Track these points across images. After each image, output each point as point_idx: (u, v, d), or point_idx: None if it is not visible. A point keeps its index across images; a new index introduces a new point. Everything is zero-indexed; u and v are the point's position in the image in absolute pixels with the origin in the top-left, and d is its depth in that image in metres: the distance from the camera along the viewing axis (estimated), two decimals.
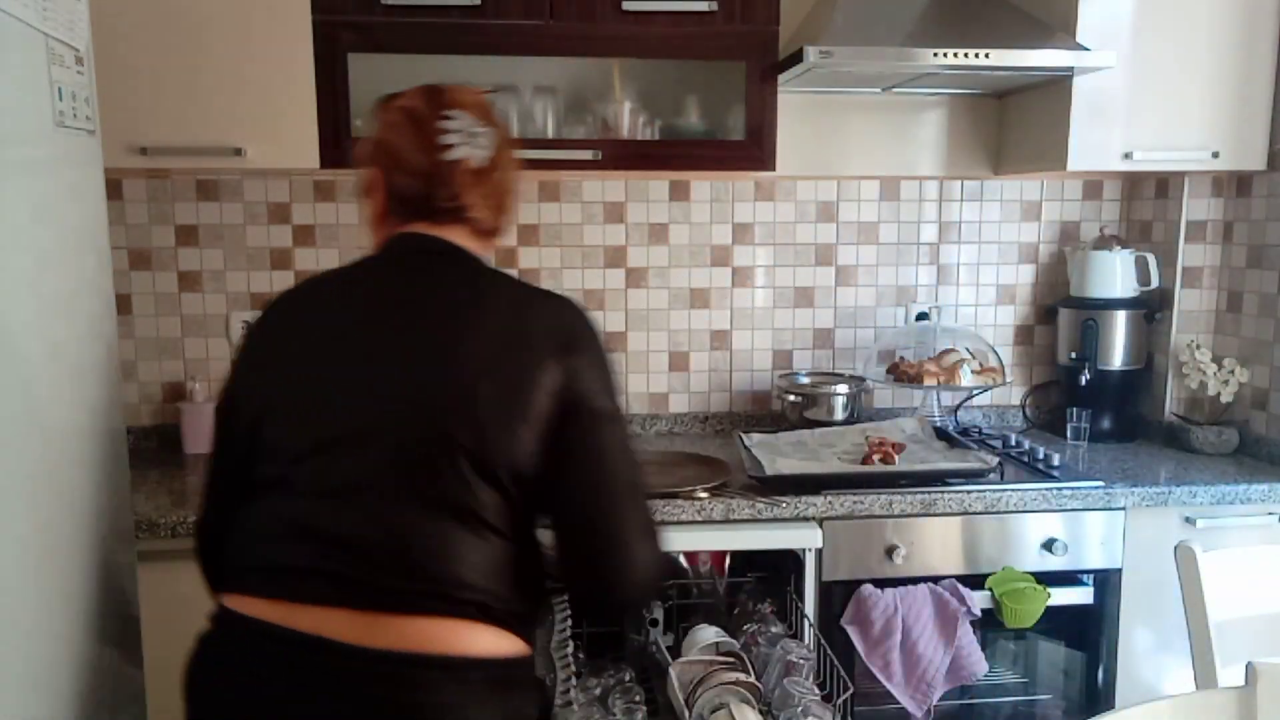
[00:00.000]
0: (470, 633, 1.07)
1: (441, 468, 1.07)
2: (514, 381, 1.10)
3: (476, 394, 1.09)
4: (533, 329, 1.15)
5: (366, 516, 1.06)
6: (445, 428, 1.07)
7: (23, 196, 1.02)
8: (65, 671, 1.10)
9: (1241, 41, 2.17)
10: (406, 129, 1.24)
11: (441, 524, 1.06)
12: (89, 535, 1.17)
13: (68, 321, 1.12)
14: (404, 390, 1.10)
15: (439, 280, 1.19)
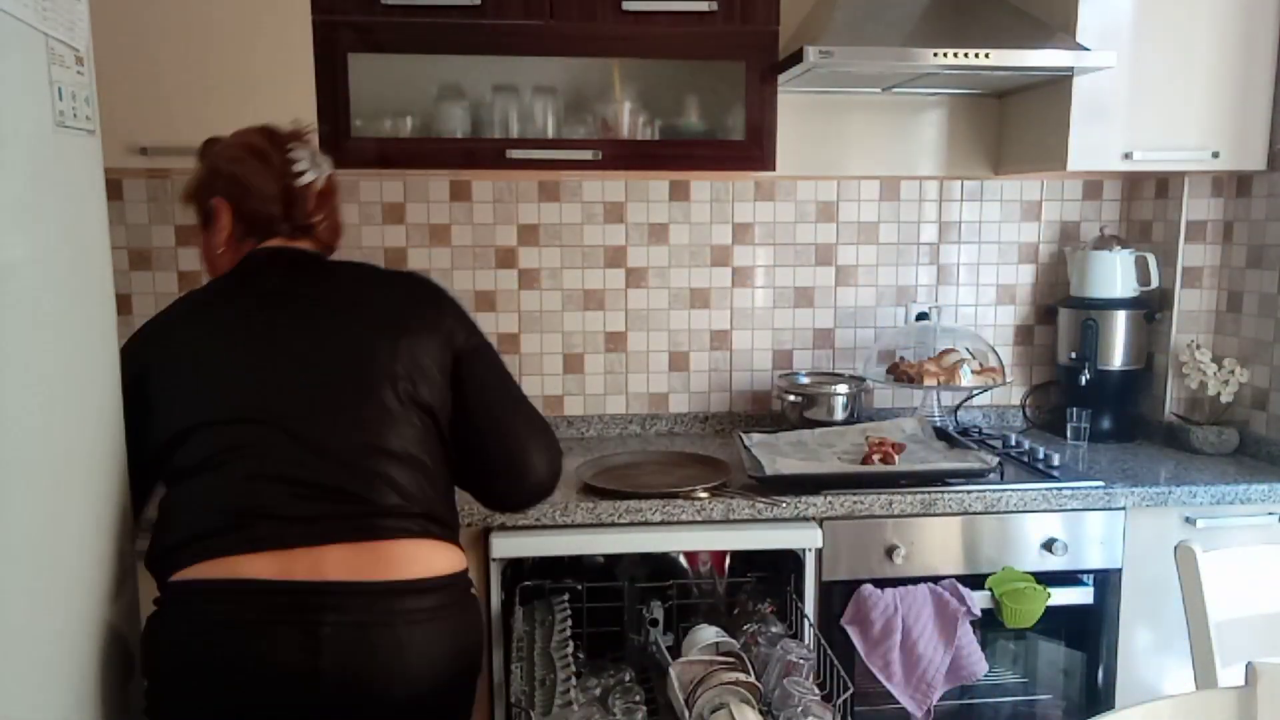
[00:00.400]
0: (431, 550, 1.31)
1: (373, 415, 1.31)
2: (415, 339, 1.36)
3: (391, 353, 1.34)
4: (411, 296, 1.42)
5: (334, 465, 1.27)
6: (370, 383, 1.32)
7: (23, 196, 1.01)
8: (64, 672, 1.10)
9: (1241, 41, 2.17)
10: (255, 162, 1.43)
11: (383, 461, 1.29)
12: (89, 535, 1.17)
13: (68, 321, 1.12)
14: (330, 360, 1.33)
15: (319, 275, 1.43)
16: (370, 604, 1.23)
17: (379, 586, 1.24)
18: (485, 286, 2.47)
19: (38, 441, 1.04)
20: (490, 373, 1.43)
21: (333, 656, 1.20)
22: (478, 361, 1.42)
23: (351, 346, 1.34)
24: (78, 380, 1.14)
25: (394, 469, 1.30)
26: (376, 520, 1.27)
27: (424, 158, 2.06)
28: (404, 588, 1.26)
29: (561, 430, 2.53)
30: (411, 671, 1.24)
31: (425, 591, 1.27)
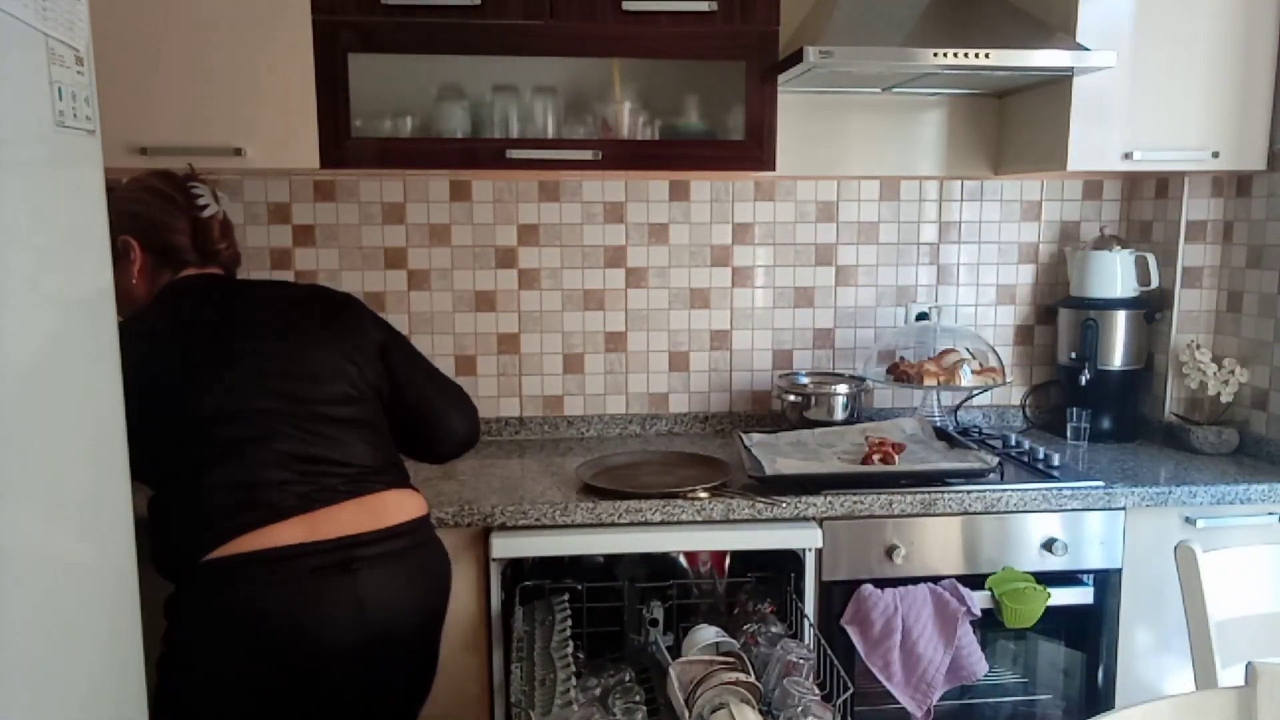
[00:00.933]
0: (406, 497, 1.61)
1: (333, 401, 1.57)
2: (352, 339, 1.64)
3: (339, 350, 1.61)
4: (334, 305, 1.67)
5: (322, 440, 1.54)
6: (332, 375, 1.59)
7: (23, 196, 1.01)
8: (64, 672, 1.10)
9: (1241, 41, 2.17)
10: (160, 202, 1.63)
11: (354, 430, 1.58)
12: (88, 535, 1.17)
13: (68, 321, 1.12)
14: (286, 367, 1.56)
15: (245, 294, 1.65)
16: (384, 545, 1.53)
17: (386, 532, 1.54)
18: (485, 286, 2.47)
19: (37, 442, 1.04)
20: (408, 356, 1.72)
21: (371, 594, 1.50)
22: (397, 350, 1.70)
23: (303, 348, 1.58)
24: (78, 381, 1.14)
25: (366, 437, 1.60)
26: (367, 478, 1.56)
27: (424, 158, 2.06)
28: (399, 530, 1.56)
29: (561, 430, 2.53)
30: (422, 593, 1.59)
31: (413, 531, 1.60)
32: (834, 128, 2.50)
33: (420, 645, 1.63)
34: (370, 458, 1.58)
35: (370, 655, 1.52)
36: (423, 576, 1.60)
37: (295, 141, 2.01)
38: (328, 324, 1.63)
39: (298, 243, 2.40)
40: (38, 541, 1.04)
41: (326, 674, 1.49)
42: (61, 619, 1.09)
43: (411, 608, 1.57)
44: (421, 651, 1.64)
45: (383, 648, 1.53)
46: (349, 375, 1.60)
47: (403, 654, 1.58)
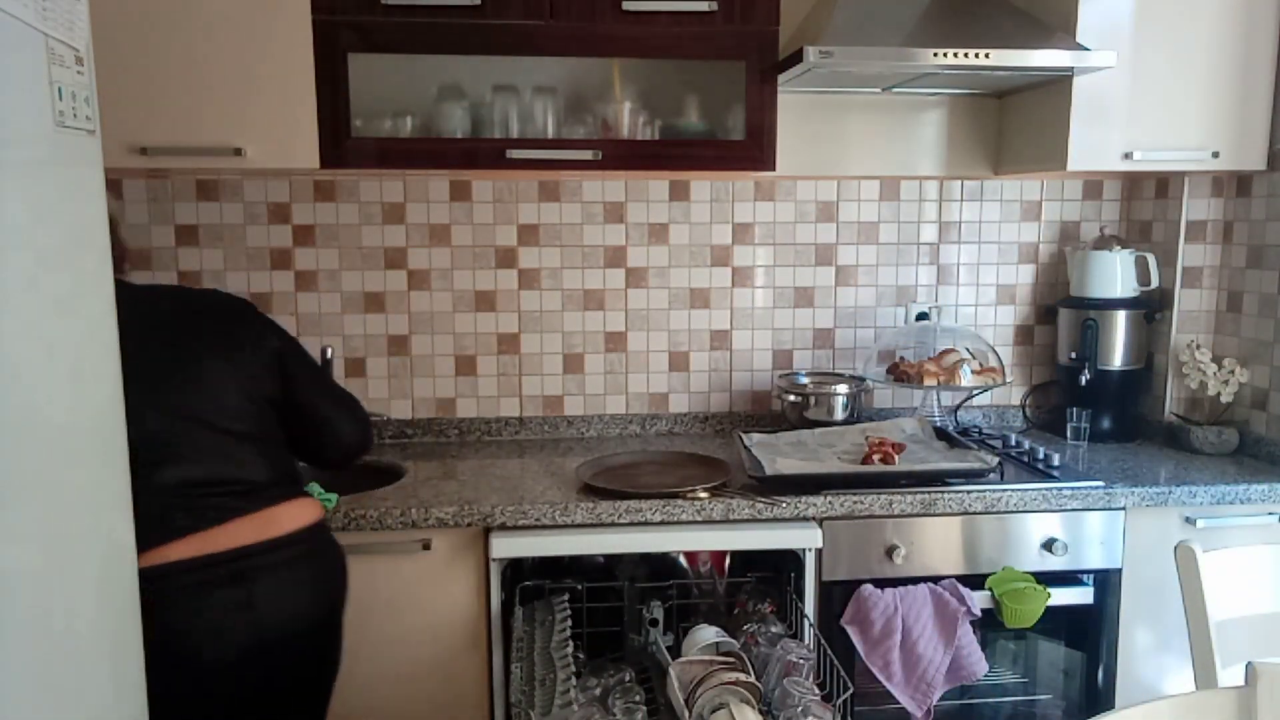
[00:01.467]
0: (300, 507, 1.61)
1: (227, 416, 1.56)
2: (243, 349, 1.60)
3: (234, 362, 1.58)
4: (230, 312, 1.64)
5: (207, 459, 1.53)
6: (225, 388, 1.56)
7: (23, 196, 1.01)
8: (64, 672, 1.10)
9: (1241, 41, 2.17)
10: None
11: (249, 446, 1.57)
12: (88, 536, 1.17)
13: (67, 321, 1.12)
14: (178, 381, 1.54)
15: (128, 299, 1.56)
16: (278, 554, 1.55)
17: (279, 541, 1.55)
18: (485, 286, 2.47)
19: (37, 442, 1.04)
20: (303, 364, 1.70)
21: (265, 602, 1.52)
22: (293, 358, 1.68)
23: (195, 359, 1.55)
24: (77, 381, 1.14)
25: (262, 450, 1.59)
26: (262, 492, 1.56)
27: (424, 158, 2.06)
28: (293, 539, 1.57)
29: (561, 430, 2.53)
30: (314, 596, 1.61)
31: (307, 539, 1.60)
32: (834, 128, 2.50)
33: (316, 643, 1.64)
34: (265, 472, 1.58)
35: (268, 660, 1.54)
36: (315, 580, 1.61)
37: (295, 141, 2.01)
38: (221, 334, 1.60)
39: (298, 243, 2.40)
40: (37, 542, 1.04)
41: (224, 682, 1.50)
42: (61, 620, 1.09)
43: (305, 610, 1.58)
44: (317, 648, 1.65)
45: (280, 652, 1.55)
46: (244, 389, 1.58)
47: (299, 653, 1.60)
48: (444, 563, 1.91)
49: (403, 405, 2.48)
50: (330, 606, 1.66)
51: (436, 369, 2.48)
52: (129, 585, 1.28)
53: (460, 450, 2.38)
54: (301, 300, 2.42)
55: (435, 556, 1.91)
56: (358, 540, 1.87)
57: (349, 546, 1.87)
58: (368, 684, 1.93)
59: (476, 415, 2.51)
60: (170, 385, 1.52)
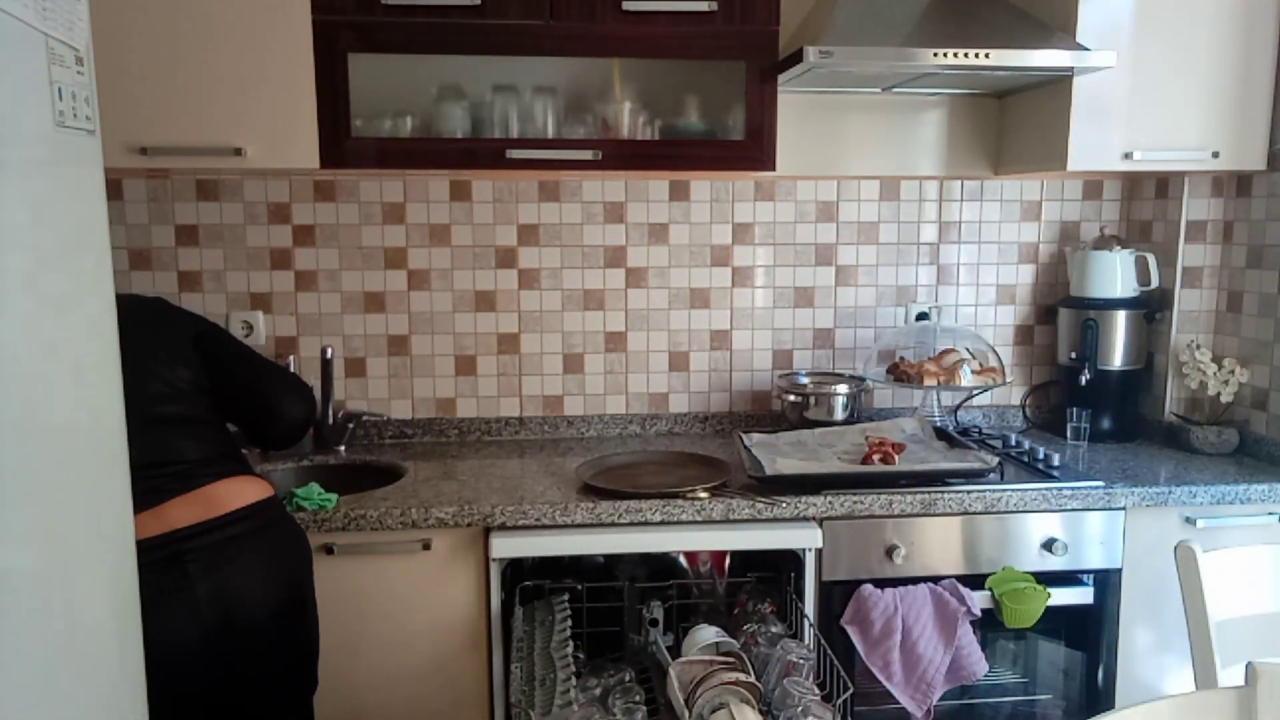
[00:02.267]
0: (244, 484, 1.61)
1: (149, 402, 1.57)
2: (155, 336, 1.64)
3: (139, 355, 1.55)
4: (134, 308, 1.63)
5: (139, 444, 1.45)
6: (132, 381, 1.49)
7: (23, 196, 1.01)
8: (64, 672, 1.10)
9: (1241, 41, 2.17)
10: None
11: (170, 430, 1.58)
12: (88, 535, 1.17)
13: (67, 321, 1.12)
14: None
15: None
16: (218, 533, 1.54)
17: (217, 520, 1.55)
18: (485, 286, 2.47)
19: (37, 442, 1.04)
20: (226, 345, 1.74)
21: (207, 584, 1.51)
22: (212, 341, 1.71)
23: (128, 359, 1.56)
24: (77, 381, 1.14)
25: (192, 433, 1.61)
26: (196, 472, 1.57)
27: (424, 158, 2.06)
28: (234, 516, 1.57)
29: (561, 430, 2.53)
30: (267, 575, 1.59)
31: (250, 516, 1.59)
32: (834, 128, 2.50)
33: (277, 628, 1.61)
34: (197, 452, 1.59)
35: (220, 645, 1.52)
36: (267, 558, 1.59)
37: (295, 141, 2.01)
38: (132, 327, 1.58)
39: (298, 243, 2.40)
40: (37, 542, 1.04)
41: (175, 671, 1.48)
42: (61, 620, 1.09)
43: (258, 592, 1.56)
44: (279, 633, 1.62)
45: (233, 637, 1.53)
46: (161, 375, 1.60)
47: (258, 639, 1.57)
48: (444, 563, 1.91)
49: (403, 405, 2.48)
50: (288, 586, 1.63)
51: (436, 369, 2.48)
52: (129, 584, 1.28)
53: (460, 450, 2.38)
54: (301, 300, 2.42)
55: (435, 556, 1.91)
56: (358, 540, 1.87)
57: (349, 546, 1.87)
58: (368, 684, 1.93)
59: (476, 415, 2.51)
60: None
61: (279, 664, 1.64)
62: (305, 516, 1.85)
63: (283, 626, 1.62)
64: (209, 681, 1.53)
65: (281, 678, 1.65)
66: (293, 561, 1.65)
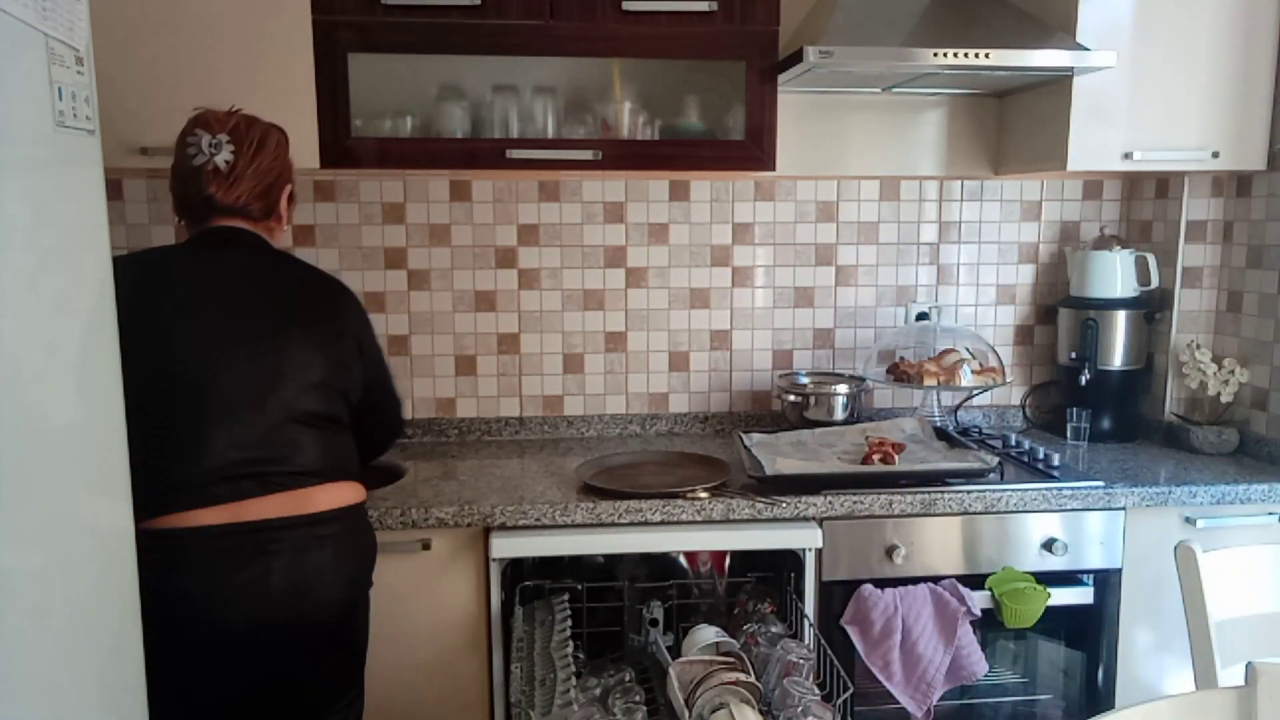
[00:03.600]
0: (330, 490, 1.58)
1: (297, 390, 1.55)
2: (327, 336, 1.61)
3: (301, 350, 1.57)
4: (326, 296, 1.65)
5: (256, 438, 1.52)
6: (302, 363, 1.57)
7: (23, 196, 1.02)
8: (64, 672, 1.10)
9: (1241, 41, 2.17)
10: (177, 150, 1.62)
11: (295, 428, 1.55)
12: (88, 535, 1.17)
13: (67, 321, 1.12)
14: (260, 355, 1.54)
15: (242, 263, 1.62)
16: (306, 531, 1.53)
17: (308, 518, 1.54)
18: (485, 286, 2.47)
19: (37, 442, 1.04)
20: (376, 351, 1.74)
21: (283, 577, 1.50)
22: (368, 346, 1.70)
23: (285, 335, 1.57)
24: (78, 381, 1.14)
25: (319, 438, 1.58)
26: (304, 475, 1.55)
27: (424, 158, 2.06)
28: (324, 517, 1.56)
29: (561, 430, 2.53)
30: (340, 579, 1.58)
31: (334, 520, 1.57)
32: (834, 128, 2.50)
33: (337, 625, 1.60)
34: (318, 460, 1.57)
35: (284, 637, 1.52)
36: (337, 561, 1.57)
37: (295, 142, 1.98)
38: (315, 307, 1.62)
39: (298, 243, 2.40)
40: (37, 542, 1.04)
41: (237, 655, 1.50)
42: (61, 619, 1.09)
43: (325, 591, 1.55)
44: (338, 630, 1.61)
45: (295, 631, 1.53)
46: (326, 372, 1.58)
47: (316, 639, 1.57)
48: (444, 563, 1.91)
49: (403, 405, 2.48)
50: (352, 590, 1.62)
51: (436, 369, 2.48)
52: (129, 584, 1.28)
53: (460, 450, 2.38)
54: None
55: (435, 556, 1.91)
56: None
57: None
58: (368, 684, 1.93)
59: (476, 415, 2.51)
60: (258, 349, 1.53)
61: (330, 667, 1.63)
62: None
63: (342, 627, 1.62)
64: (263, 673, 1.54)
65: (335, 681, 1.65)
66: (359, 566, 1.64)
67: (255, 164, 1.61)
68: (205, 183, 1.59)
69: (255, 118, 1.66)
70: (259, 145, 1.62)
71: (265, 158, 1.63)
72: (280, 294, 1.60)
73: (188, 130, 1.60)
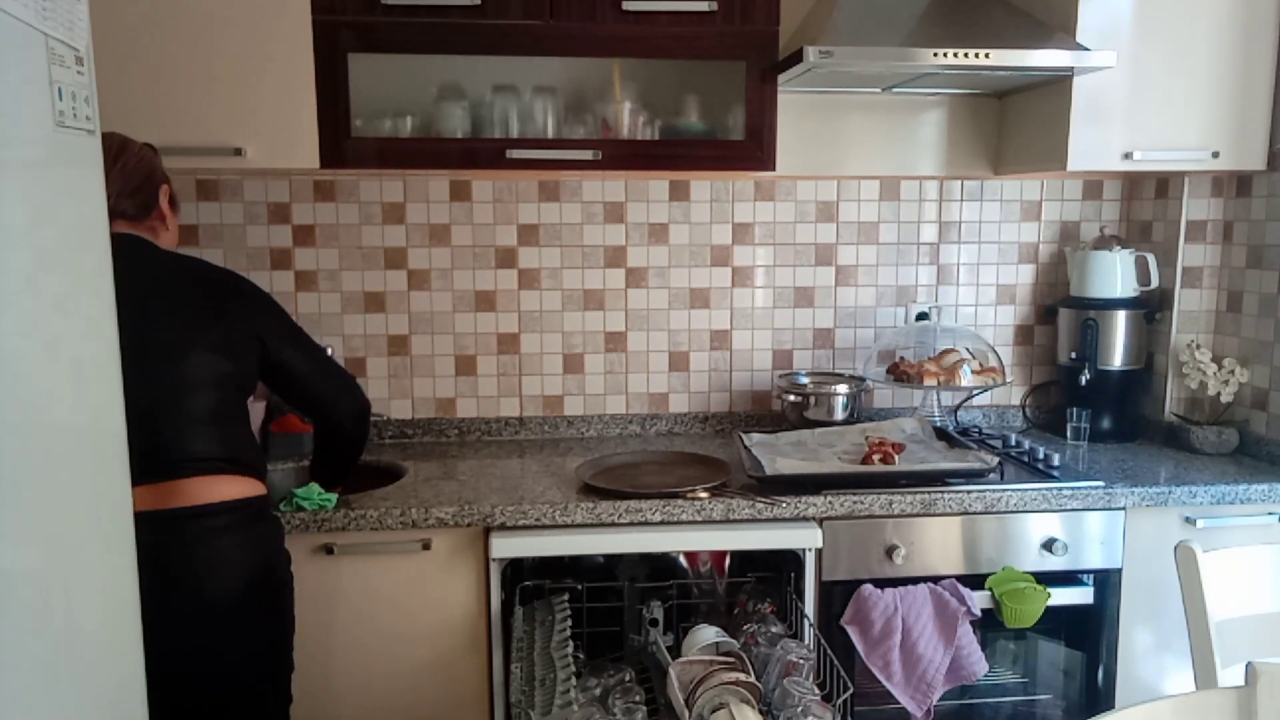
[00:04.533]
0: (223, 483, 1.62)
1: (184, 384, 1.60)
2: (220, 326, 1.64)
3: (195, 345, 1.61)
4: (218, 285, 1.69)
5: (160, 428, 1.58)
6: (191, 358, 1.61)
7: (23, 196, 1.01)
8: (64, 672, 1.10)
9: (1241, 41, 2.17)
10: None
11: (186, 417, 1.60)
12: (88, 536, 1.17)
13: (67, 321, 1.12)
14: (154, 339, 1.58)
15: (132, 266, 1.61)
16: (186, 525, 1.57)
17: (180, 512, 1.57)
18: (485, 286, 2.47)
19: (37, 442, 1.04)
20: (290, 344, 1.75)
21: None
22: (277, 335, 1.73)
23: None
24: (77, 381, 1.14)
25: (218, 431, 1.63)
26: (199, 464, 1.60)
27: (424, 158, 2.06)
28: (198, 511, 1.58)
29: (561, 430, 2.53)
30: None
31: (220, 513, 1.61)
32: (834, 128, 2.50)
33: (229, 626, 1.61)
34: (208, 449, 1.61)
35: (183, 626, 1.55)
36: (226, 555, 1.60)
37: (295, 141, 2.01)
38: (199, 300, 1.65)
39: (298, 243, 2.40)
40: (37, 542, 1.04)
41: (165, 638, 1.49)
42: (61, 619, 1.09)
43: (205, 586, 1.57)
44: (231, 631, 1.61)
45: (191, 630, 1.56)
46: (206, 363, 1.63)
47: (214, 632, 1.59)
48: (444, 563, 1.91)
49: (403, 405, 2.48)
50: (245, 585, 1.61)
51: (436, 369, 2.48)
52: (129, 584, 1.28)
53: (460, 450, 2.38)
54: (301, 300, 2.42)
55: (435, 556, 1.91)
56: (358, 540, 1.87)
57: (349, 546, 1.87)
58: (368, 684, 1.93)
59: (476, 415, 2.51)
60: (161, 356, 1.58)
61: (240, 653, 1.64)
62: (305, 516, 1.85)
63: (232, 628, 1.62)
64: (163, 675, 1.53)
65: (237, 677, 1.64)
66: (254, 561, 1.65)
67: (117, 166, 1.65)
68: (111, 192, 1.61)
69: (110, 132, 1.67)
70: (118, 151, 1.66)
71: (128, 160, 1.67)
72: (155, 293, 1.62)
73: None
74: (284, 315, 1.77)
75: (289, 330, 1.77)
